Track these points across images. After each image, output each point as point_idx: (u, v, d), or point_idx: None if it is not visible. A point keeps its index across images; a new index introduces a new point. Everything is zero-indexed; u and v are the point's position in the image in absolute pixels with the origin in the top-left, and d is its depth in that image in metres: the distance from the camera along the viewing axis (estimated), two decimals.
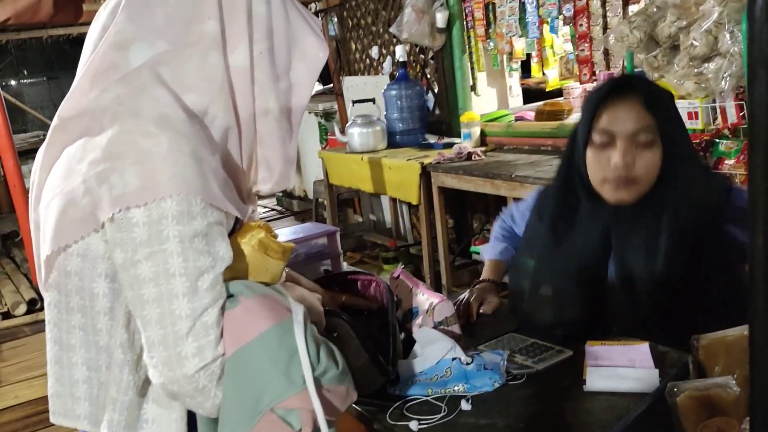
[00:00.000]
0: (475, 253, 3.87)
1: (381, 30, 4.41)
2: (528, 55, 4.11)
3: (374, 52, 4.51)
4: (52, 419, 1.01)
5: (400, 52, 3.87)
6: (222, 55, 0.95)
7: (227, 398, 0.88)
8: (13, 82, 13.79)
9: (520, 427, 1.10)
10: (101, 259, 0.91)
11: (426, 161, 3.36)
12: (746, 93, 0.50)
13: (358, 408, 1.19)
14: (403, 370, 1.24)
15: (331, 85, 5.16)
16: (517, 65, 4.05)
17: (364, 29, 4.62)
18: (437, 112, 4.13)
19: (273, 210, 6.87)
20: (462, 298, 1.56)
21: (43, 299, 1.00)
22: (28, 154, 6.27)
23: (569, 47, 3.74)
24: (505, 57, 3.89)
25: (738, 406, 0.85)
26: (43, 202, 0.97)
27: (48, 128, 1.00)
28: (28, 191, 1.03)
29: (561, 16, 3.15)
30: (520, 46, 3.79)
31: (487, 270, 1.66)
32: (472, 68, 3.92)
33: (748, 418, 0.80)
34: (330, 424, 0.91)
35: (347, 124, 3.98)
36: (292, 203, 6.61)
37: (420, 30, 3.78)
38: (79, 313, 0.95)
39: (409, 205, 4.46)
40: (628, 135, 1.28)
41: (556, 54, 4.28)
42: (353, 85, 4.75)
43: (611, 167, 1.29)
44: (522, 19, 3.40)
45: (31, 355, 3.68)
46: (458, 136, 3.76)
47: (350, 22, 4.76)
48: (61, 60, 13.00)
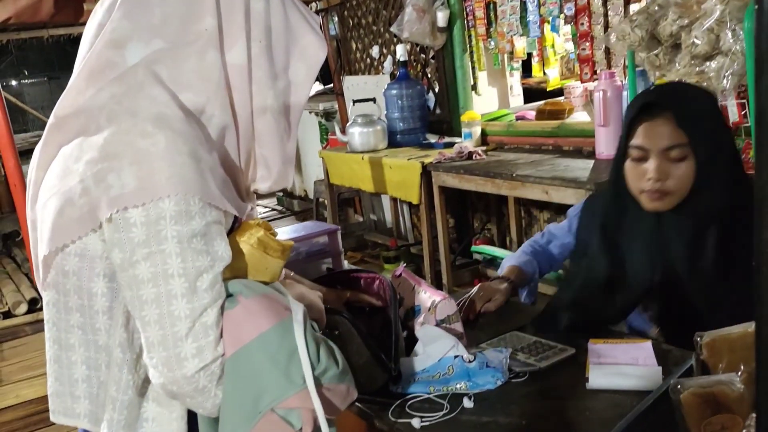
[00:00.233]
0: (476, 253, 3.86)
1: (382, 29, 4.41)
2: (529, 55, 4.10)
3: (375, 51, 4.51)
4: (52, 418, 1.00)
5: (401, 51, 3.86)
6: (219, 53, 0.94)
7: (227, 398, 0.88)
8: (13, 82, 13.80)
9: (522, 424, 1.10)
10: (99, 258, 0.91)
11: (427, 161, 3.35)
12: (749, 89, 0.50)
13: (360, 405, 1.19)
14: (406, 368, 1.23)
15: (332, 85, 5.15)
16: (518, 64, 4.04)
17: (365, 28, 4.62)
18: (438, 111, 4.12)
19: (274, 210, 6.86)
20: (469, 294, 1.58)
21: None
22: (29, 153, 6.14)
23: (570, 46, 3.73)
24: (506, 56, 3.89)
25: (742, 403, 0.85)
26: (40, 201, 0.96)
27: None
28: None
29: (562, 15, 3.15)
30: (521, 45, 3.78)
31: (503, 270, 1.68)
32: (473, 67, 3.91)
33: (752, 414, 0.80)
34: (331, 422, 0.90)
35: (348, 124, 3.97)
36: (292, 203, 6.61)
37: (421, 29, 3.77)
38: (78, 312, 0.94)
39: (409, 204, 4.46)
40: (660, 151, 1.34)
41: (557, 53, 4.27)
42: (354, 85, 4.75)
43: (646, 179, 1.36)
44: (523, 18, 3.39)
45: (32, 354, 3.68)
46: (459, 135, 3.76)
47: (351, 22, 4.76)
48: (61, 60, 12.98)
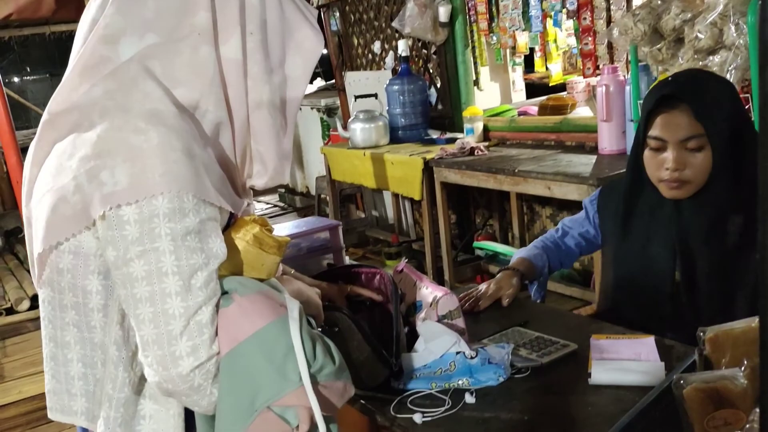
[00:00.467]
0: (478, 249, 3.85)
1: (383, 25, 4.40)
2: (531, 50, 4.08)
3: (376, 47, 4.49)
4: (49, 415, 1.00)
5: (403, 46, 3.85)
6: (214, 48, 0.93)
7: (223, 396, 0.88)
8: (16, 79, 13.79)
9: (524, 420, 1.09)
10: (93, 256, 0.90)
11: (428, 156, 3.35)
12: (752, 83, 0.49)
13: (362, 401, 1.18)
14: (407, 364, 1.23)
15: (333, 81, 5.15)
16: (520, 59, 4.03)
17: (367, 24, 4.60)
18: (440, 107, 4.11)
19: (275, 206, 6.85)
20: (479, 289, 1.60)
21: None
22: None
23: (573, 41, 3.70)
24: (508, 51, 3.88)
25: (745, 398, 0.84)
26: (34, 198, 0.95)
27: None
28: None
29: (564, 10, 3.14)
30: (523, 40, 3.77)
31: (513, 262, 1.69)
32: (475, 63, 3.90)
33: (755, 410, 0.79)
34: (330, 419, 0.90)
35: (349, 120, 3.96)
36: (294, 199, 6.60)
37: (422, 24, 3.76)
38: (73, 310, 0.94)
39: (411, 200, 4.45)
40: (677, 142, 1.37)
41: (560, 48, 4.24)
42: (355, 81, 4.74)
43: (664, 169, 1.39)
44: (525, 13, 3.38)
45: (35, 350, 3.68)
46: (461, 131, 3.75)
47: (352, 17, 4.75)
48: (63, 56, 12.85)
